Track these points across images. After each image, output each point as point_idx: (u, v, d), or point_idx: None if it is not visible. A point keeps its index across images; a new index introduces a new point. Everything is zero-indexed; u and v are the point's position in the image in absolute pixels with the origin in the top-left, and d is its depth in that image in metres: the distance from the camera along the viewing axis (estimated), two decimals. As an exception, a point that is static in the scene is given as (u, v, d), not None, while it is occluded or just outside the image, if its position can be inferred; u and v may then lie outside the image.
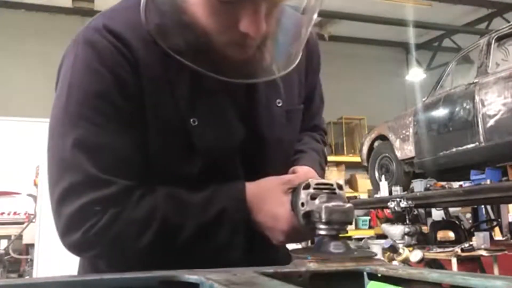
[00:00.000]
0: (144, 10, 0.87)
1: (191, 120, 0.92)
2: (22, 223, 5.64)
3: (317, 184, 0.89)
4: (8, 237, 5.84)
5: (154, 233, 0.88)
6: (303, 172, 1.01)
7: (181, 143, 0.93)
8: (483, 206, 7.23)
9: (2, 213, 6.53)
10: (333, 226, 0.85)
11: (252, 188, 0.95)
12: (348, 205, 0.85)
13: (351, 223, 0.88)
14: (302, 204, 0.88)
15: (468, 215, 8.19)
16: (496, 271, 4.68)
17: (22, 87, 10.34)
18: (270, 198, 0.93)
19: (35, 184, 4.81)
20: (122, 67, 0.89)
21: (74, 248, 0.91)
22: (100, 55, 0.89)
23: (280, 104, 1.05)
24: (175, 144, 0.93)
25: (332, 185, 0.90)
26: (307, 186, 0.89)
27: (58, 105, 0.92)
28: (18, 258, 5.21)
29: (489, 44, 5.13)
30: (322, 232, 0.86)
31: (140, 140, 0.91)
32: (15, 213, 6.46)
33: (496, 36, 5.14)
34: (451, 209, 7.33)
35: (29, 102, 10.23)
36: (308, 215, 0.88)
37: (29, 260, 5.00)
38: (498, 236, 7.25)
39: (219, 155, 0.96)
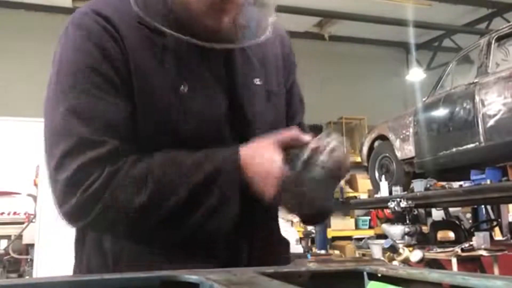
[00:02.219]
0: None
1: (181, 87, 0.97)
2: (22, 223, 5.63)
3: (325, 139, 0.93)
4: (8, 237, 5.84)
5: (148, 193, 0.89)
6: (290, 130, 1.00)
7: (171, 110, 0.96)
8: (483, 206, 7.23)
9: (2, 213, 6.53)
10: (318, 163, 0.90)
11: (245, 149, 0.96)
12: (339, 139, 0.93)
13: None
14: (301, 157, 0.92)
15: (468, 215, 8.18)
16: (496, 271, 4.68)
17: (21, 87, 10.34)
18: (261, 155, 0.94)
19: (35, 184, 4.81)
20: (109, 42, 0.95)
21: (70, 214, 0.91)
22: (88, 33, 0.96)
23: (258, 82, 1.09)
24: (166, 112, 0.96)
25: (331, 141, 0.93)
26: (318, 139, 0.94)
27: (50, 82, 0.98)
28: (18, 258, 5.20)
29: (489, 44, 5.13)
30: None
31: (128, 109, 0.94)
32: (15, 213, 6.46)
33: (496, 36, 5.14)
34: (451, 209, 7.33)
35: (29, 102, 10.23)
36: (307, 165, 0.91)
37: (29, 260, 5.00)
38: (498, 236, 7.24)
39: (208, 123, 0.99)
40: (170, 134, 0.96)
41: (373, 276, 0.73)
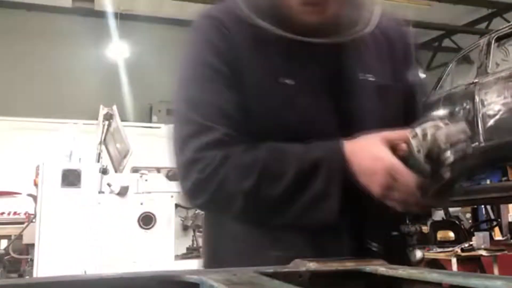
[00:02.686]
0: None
1: (288, 80, 1.02)
2: (22, 223, 5.62)
3: (424, 129, 0.89)
4: (8, 237, 5.84)
5: (256, 177, 0.95)
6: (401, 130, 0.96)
7: (276, 103, 1.02)
8: (483, 206, 7.23)
9: (2, 213, 6.52)
10: (456, 148, 0.86)
11: (351, 142, 0.97)
12: (462, 123, 0.88)
13: (469, 138, 0.88)
14: (419, 151, 0.88)
15: (468, 215, 8.18)
16: (496, 271, 4.68)
17: (22, 87, 10.33)
18: (368, 151, 0.94)
19: (35, 184, 4.80)
20: (221, 41, 1.06)
21: (189, 193, 1.03)
22: (203, 33, 1.09)
23: (370, 78, 1.08)
24: (271, 105, 1.02)
25: (435, 123, 0.89)
26: (415, 135, 0.89)
27: (178, 75, 1.12)
28: (18, 258, 5.20)
29: (489, 44, 5.13)
30: (451, 159, 0.86)
31: (238, 100, 1.02)
32: (15, 213, 6.46)
33: (496, 36, 5.14)
34: (451, 209, 7.32)
35: (29, 102, 10.23)
36: (429, 157, 0.87)
37: (29, 260, 5.00)
38: (498, 236, 7.24)
39: (313, 116, 1.03)
40: (275, 125, 1.02)
41: (373, 276, 0.73)
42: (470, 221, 7.74)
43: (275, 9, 1.03)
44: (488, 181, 4.75)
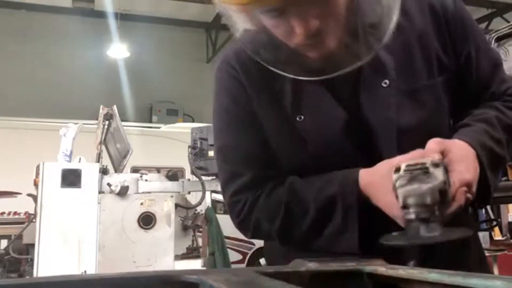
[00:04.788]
0: (243, 42, 1.03)
1: (297, 117, 1.07)
2: (22, 223, 5.62)
3: (408, 165, 0.86)
4: (8, 237, 5.83)
5: (281, 218, 1.06)
6: (424, 149, 0.93)
7: (291, 139, 1.09)
8: (483, 206, 7.22)
9: (2, 213, 6.52)
10: (410, 210, 0.84)
11: (366, 174, 0.99)
12: (427, 186, 0.83)
13: (432, 205, 0.84)
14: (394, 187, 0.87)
15: (468, 215, 8.17)
16: (496, 271, 4.68)
17: (22, 87, 10.33)
18: (381, 185, 0.94)
19: (35, 184, 4.80)
20: (236, 87, 1.14)
21: (238, 228, 1.17)
22: (221, 80, 1.18)
23: (386, 85, 1.03)
24: (287, 141, 1.10)
25: (424, 164, 0.85)
26: (397, 170, 0.87)
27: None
28: (18, 258, 5.20)
29: (489, 44, 5.13)
30: (406, 217, 0.85)
31: (261, 140, 1.11)
32: (15, 213, 6.45)
33: (496, 36, 5.13)
34: (451, 209, 7.30)
35: (29, 102, 10.22)
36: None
37: (29, 260, 4.99)
38: (498, 236, 7.23)
39: (325, 145, 1.06)
40: (295, 159, 1.10)
41: (373, 276, 0.73)
42: (470, 221, 7.72)
43: (280, 52, 1.00)
44: (488, 181, 4.73)
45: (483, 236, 4.91)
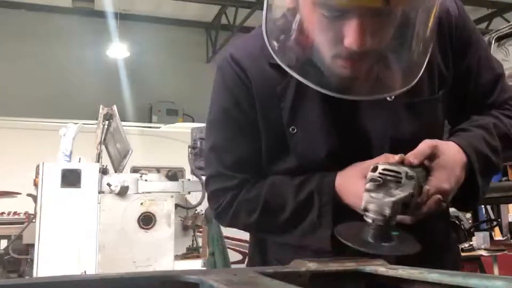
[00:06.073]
0: (266, 35, 0.98)
1: (291, 128, 1.09)
2: (22, 223, 5.62)
3: (384, 169, 0.87)
4: (8, 237, 5.83)
5: (260, 212, 1.11)
6: (404, 154, 0.95)
7: (280, 148, 1.11)
8: (483, 206, 7.22)
9: (2, 213, 6.52)
10: (369, 214, 0.87)
11: (339, 176, 1.04)
12: (389, 199, 0.84)
13: (390, 217, 0.86)
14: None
15: (468, 215, 8.17)
16: (496, 271, 4.68)
17: (22, 87, 10.33)
18: (352, 185, 1.00)
19: (35, 184, 4.80)
20: (239, 88, 1.12)
21: (215, 218, 1.25)
22: (225, 79, 1.16)
23: (391, 98, 1.03)
24: (277, 150, 1.12)
25: (399, 173, 0.87)
26: (374, 169, 0.89)
27: (208, 116, 1.23)
28: (18, 258, 5.20)
29: (489, 44, 5.12)
30: (364, 218, 0.88)
31: (255, 145, 1.13)
32: (15, 213, 6.45)
33: (496, 36, 5.13)
34: (451, 209, 7.29)
35: (29, 102, 10.22)
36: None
37: (29, 260, 4.99)
38: (498, 236, 7.23)
39: (311, 159, 1.08)
40: (281, 166, 1.12)
41: (373, 276, 0.73)
42: (470, 221, 7.72)
43: (302, 52, 0.96)
44: (488, 181, 4.72)
45: (483, 236, 4.91)
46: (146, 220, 4.80)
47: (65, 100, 10.42)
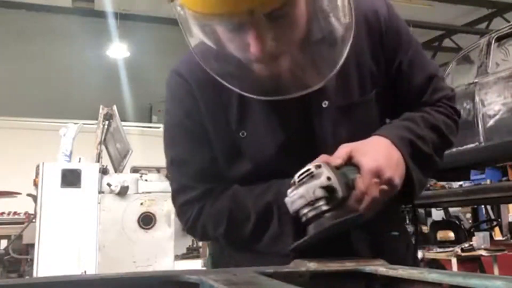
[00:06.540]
0: (196, 52, 1.01)
1: (240, 133, 1.11)
2: (22, 223, 5.62)
3: (298, 175, 0.93)
4: (8, 237, 5.84)
5: (225, 225, 1.12)
6: (327, 155, 0.99)
7: (233, 154, 1.13)
8: (483, 206, 7.23)
9: (2, 213, 6.52)
10: (300, 214, 0.91)
11: None
12: (303, 187, 0.89)
13: (313, 202, 0.90)
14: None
15: (468, 215, 8.18)
16: (496, 271, 4.68)
17: (22, 87, 10.33)
18: None
19: (35, 184, 4.80)
20: (187, 98, 1.14)
21: (188, 233, 1.27)
22: (173, 93, 1.19)
23: (325, 105, 1.07)
24: (229, 155, 1.13)
25: (309, 169, 0.92)
26: (293, 183, 0.94)
27: (163, 133, 1.25)
28: (18, 258, 5.20)
29: (489, 44, 5.13)
30: (302, 221, 0.92)
31: (212, 153, 1.15)
32: (15, 213, 6.46)
33: (496, 36, 5.13)
34: (451, 209, 7.32)
35: (29, 102, 10.23)
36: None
37: (29, 260, 4.99)
38: (498, 236, 7.24)
39: (262, 163, 1.11)
40: (237, 171, 1.14)
41: (373, 276, 0.73)
42: (470, 221, 7.73)
43: (229, 65, 1.00)
44: (488, 181, 4.74)
45: (483, 236, 4.91)
46: (146, 220, 4.80)
47: (65, 100, 10.42)
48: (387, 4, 1.15)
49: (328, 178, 0.90)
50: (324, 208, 0.89)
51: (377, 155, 0.98)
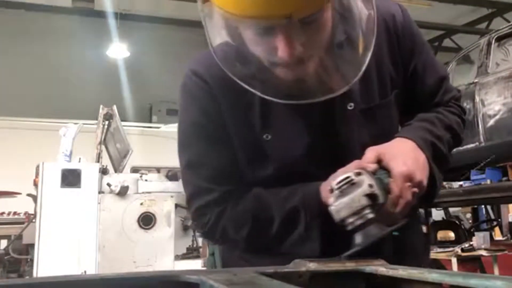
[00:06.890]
0: (215, 53, 0.99)
1: (265, 135, 1.10)
2: (22, 223, 5.62)
3: (337, 183, 0.93)
4: (8, 237, 5.84)
5: (249, 228, 1.10)
6: (359, 160, 1.00)
7: (257, 156, 1.11)
8: (483, 206, 7.23)
9: (2, 213, 6.53)
10: (345, 223, 0.91)
11: (324, 187, 1.03)
12: (348, 196, 0.89)
13: (359, 211, 0.90)
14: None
15: (468, 215, 8.18)
16: (496, 271, 4.68)
17: (21, 87, 10.33)
18: None
19: (35, 184, 4.80)
20: (206, 98, 1.12)
21: (203, 237, 1.36)
22: (191, 93, 1.16)
23: (351, 107, 1.09)
24: (253, 158, 1.12)
25: (348, 177, 0.92)
26: (331, 190, 0.94)
27: (178, 136, 1.21)
28: (18, 258, 5.20)
29: (489, 44, 5.13)
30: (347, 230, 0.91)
31: (230, 154, 1.13)
32: (15, 213, 6.46)
33: (496, 36, 5.13)
34: (451, 209, 7.32)
35: (29, 102, 10.22)
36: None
37: (29, 260, 4.99)
38: (498, 236, 7.24)
39: (288, 165, 1.10)
40: (259, 174, 1.12)
41: (373, 276, 0.73)
42: (470, 221, 7.73)
43: (253, 68, 1.00)
44: (488, 181, 4.74)
45: (483, 236, 4.91)
46: (146, 220, 4.80)
47: (65, 100, 10.42)
48: (402, 8, 1.18)
49: (370, 186, 0.92)
50: (370, 216, 0.90)
51: (406, 158, 0.99)
